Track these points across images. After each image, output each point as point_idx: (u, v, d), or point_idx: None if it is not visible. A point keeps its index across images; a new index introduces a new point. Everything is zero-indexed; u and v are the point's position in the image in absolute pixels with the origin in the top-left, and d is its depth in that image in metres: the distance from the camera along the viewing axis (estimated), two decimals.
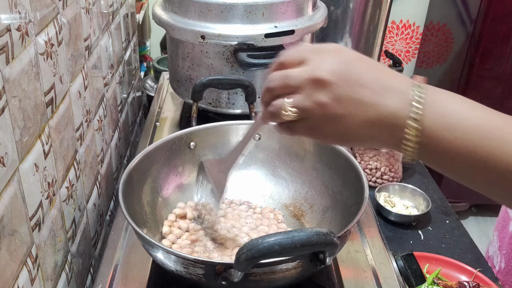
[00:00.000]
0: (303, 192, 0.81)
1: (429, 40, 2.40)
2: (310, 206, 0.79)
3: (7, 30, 0.53)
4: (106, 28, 1.03)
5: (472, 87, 2.04)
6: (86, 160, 0.87)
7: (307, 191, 0.81)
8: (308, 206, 0.79)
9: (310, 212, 0.79)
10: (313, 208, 0.79)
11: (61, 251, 0.73)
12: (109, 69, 1.06)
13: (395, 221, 1.24)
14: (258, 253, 0.49)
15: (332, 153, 0.77)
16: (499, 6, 1.88)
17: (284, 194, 0.82)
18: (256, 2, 0.93)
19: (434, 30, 2.35)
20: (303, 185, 0.81)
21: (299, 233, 0.50)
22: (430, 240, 1.20)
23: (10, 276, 0.55)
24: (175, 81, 1.09)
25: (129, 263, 0.72)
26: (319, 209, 0.78)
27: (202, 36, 0.95)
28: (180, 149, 0.81)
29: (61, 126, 0.73)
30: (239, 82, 0.91)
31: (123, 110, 1.23)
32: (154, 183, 0.77)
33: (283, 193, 0.83)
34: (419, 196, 1.27)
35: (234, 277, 0.53)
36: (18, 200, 0.57)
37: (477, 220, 2.28)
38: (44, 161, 0.65)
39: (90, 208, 0.90)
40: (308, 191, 0.80)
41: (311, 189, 0.80)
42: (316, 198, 0.79)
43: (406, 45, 2.52)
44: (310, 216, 0.78)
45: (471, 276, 1.09)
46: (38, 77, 0.63)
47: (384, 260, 0.74)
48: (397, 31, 2.48)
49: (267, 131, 0.84)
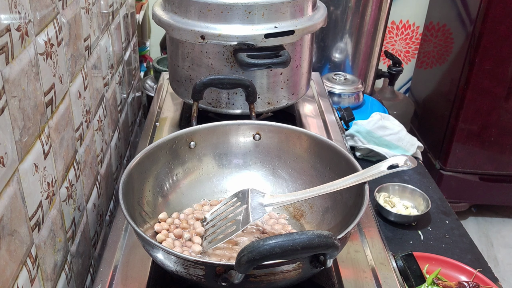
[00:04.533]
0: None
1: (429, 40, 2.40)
2: (310, 206, 0.79)
3: (7, 30, 0.53)
4: (106, 28, 1.03)
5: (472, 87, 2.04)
6: (86, 160, 0.87)
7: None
8: (308, 206, 0.79)
9: (310, 213, 0.79)
10: (313, 209, 0.79)
11: (60, 251, 0.73)
12: (109, 69, 1.06)
13: (395, 221, 1.24)
14: (259, 255, 0.49)
15: (332, 154, 0.77)
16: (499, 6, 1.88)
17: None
18: (256, 2, 0.93)
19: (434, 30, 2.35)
20: (303, 185, 0.81)
21: (300, 235, 0.50)
22: (430, 240, 1.20)
23: (9, 276, 0.55)
24: (175, 81, 1.09)
25: (129, 263, 0.72)
26: (319, 209, 0.78)
27: (202, 36, 0.95)
28: (180, 148, 0.81)
29: (61, 126, 0.73)
30: (240, 82, 0.91)
31: (122, 110, 1.23)
32: (154, 183, 0.77)
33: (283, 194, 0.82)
34: (419, 196, 1.27)
35: (234, 278, 0.53)
36: (18, 200, 0.57)
37: (477, 221, 2.28)
38: (43, 161, 0.65)
39: (89, 208, 0.90)
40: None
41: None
42: (316, 199, 0.79)
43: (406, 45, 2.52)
44: (310, 217, 0.78)
45: (471, 277, 1.09)
46: (38, 77, 0.63)
47: (384, 260, 0.74)
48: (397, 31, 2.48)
49: (267, 131, 0.84)
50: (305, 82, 1.11)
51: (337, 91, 1.69)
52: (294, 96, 1.08)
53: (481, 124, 2.10)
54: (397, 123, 1.49)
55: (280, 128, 0.84)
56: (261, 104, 1.03)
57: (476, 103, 2.06)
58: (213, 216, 0.74)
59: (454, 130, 2.13)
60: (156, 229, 0.72)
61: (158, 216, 0.74)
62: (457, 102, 2.11)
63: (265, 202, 0.69)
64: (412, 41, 2.51)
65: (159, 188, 0.78)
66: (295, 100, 1.09)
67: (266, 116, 1.12)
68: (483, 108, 2.06)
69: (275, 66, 0.94)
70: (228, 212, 0.72)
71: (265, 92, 1.03)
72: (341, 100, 1.69)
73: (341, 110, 1.41)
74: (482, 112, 2.07)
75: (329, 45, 1.91)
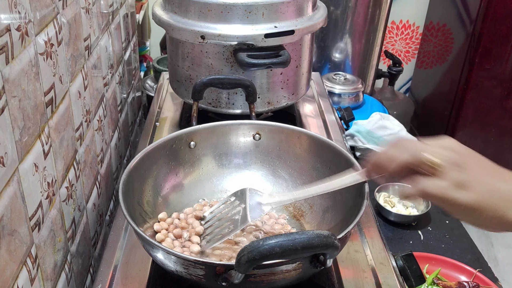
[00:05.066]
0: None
1: (429, 40, 2.41)
2: (310, 206, 0.79)
3: (7, 30, 0.53)
4: (106, 28, 1.03)
5: (472, 87, 2.04)
6: (86, 160, 0.87)
7: None
8: (308, 206, 0.79)
9: (310, 213, 0.79)
10: (313, 209, 0.79)
11: (60, 251, 0.73)
12: (109, 69, 1.06)
13: (395, 221, 1.24)
14: (259, 255, 0.49)
15: (332, 154, 0.77)
16: (499, 6, 1.88)
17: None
18: (256, 2, 0.93)
19: (434, 30, 2.35)
20: (303, 185, 0.81)
21: (300, 235, 0.50)
22: (430, 240, 1.20)
23: (9, 276, 0.55)
24: (175, 81, 1.09)
25: (129, 263, 0.72)
26: (319, 209, 0.78)
27: (202, 36, 0.95)
28: (180, 148, 0.81)
29: (61, 126, 0.73)
30: (240, 82, 0.91)
31: (122, 110, 1.23)
32: (154, 183, 0.77)
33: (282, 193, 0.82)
34: None
35: (234, 278, 0.53)
36: (18, 200, 0.57)
37: None
38: (43, 161, 0.65)
39: (89, 208, 0.90)
40: None
41: None
42: (316, 199, 0.79)
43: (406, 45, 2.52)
44: (310, 217, 0.78)
45: (471, 276, 1.09)
46: (38, 77, 0.63)
47: (384, 260, 0.74)
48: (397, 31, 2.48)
49: (267, 131, 0.84)
50: (305, 82, 1.11)
51: (337, 91, 1.69)
52: (294, 96, 1.08)
53: (481, 124, 2.10)
54: (397, 123, 1.49)
55: (280, 128, 0.83)
56: (261, 104, 1.03)
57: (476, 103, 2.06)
58: (212, 216, 0.74)
59: (454, 130, 2.13)
60: (156, 228, 0.72)
61: (158, 215, 0.74)
62: (457, 102, 2.11)
63: (264, 202, 0.69)
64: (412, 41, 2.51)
65: (159, 188, 0.78)
66: (295, 100, 1.09)
67: (266, 116, 1.12)
68: (483, 108, 2.07)
69: (275, 66, 0.94)
70: (226, 212, 0.72)
71: (265, 92, 1.03)
72: (341, 100, 1.69)
73: (341, 110, 1.41)
74: (482, 112, 2.07)
75: (329, 45, 1.91)
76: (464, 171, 0.53)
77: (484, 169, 0.55)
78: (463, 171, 0.53)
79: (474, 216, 0.54)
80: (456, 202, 0.53)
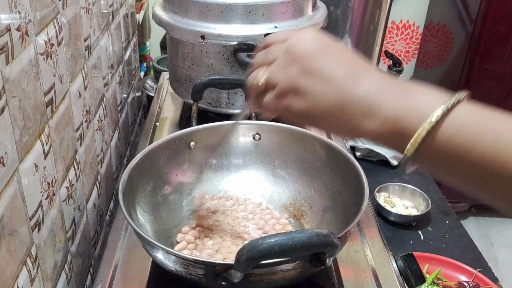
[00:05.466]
0: (303, 193, 0.81)
1: (429, 40, 2.41)
2: (310, 206, 0.79)
3: (7, 30, 0.53)
4: (106, 28, 1.03)
5: (472, 87, 2.04)
6: (86, 160, 0.87)
7: (307, 191, 0.80)
8: (308, 206, 0.79)
9: (310, 213, 0.79)
10: (313, 209, 0.79)
11: (60, 251, 0.73)
12: (109, 69, 1.06)
13: (395, 221, 1.24)
14: (259, 254, 0.49)
15: (332, 153, 0.77)
16: (499, 6, 1.88)
17: (284, 195, 0.82)
18: (256, 2, 0.93)
19: (434, 30, 2.35)
20: (303, 185, 0.81)
21: (299, 234, 0.50)
22: (430, 240, 1.20)
23: (9, 276, 0.55)
24: (175, 81, 1.09)
25: (129, 263, 0.72)
26: (319, 209, 0.78)
27: (202, 36, 0.95)
28: (180, 149, 0.81)
29: (61, 126, 0.73)
30: (240, 82, 0.91)
31: (123, 110, 1.23)
32: (154, 183, 0.77)
33: (283, 194, 0.83)
34: (419, 196, 1.27)
35: (234, 277, 0.53)
36: (18, 200, 0.57)
37: (477, 221, 2.28)
38: (44, 161, 0.65)
39: (90, 208, 0.90)
40: (308, 192, 0.80)
41: (311, 189, 0.80)
42: (316, 199, 0.79)
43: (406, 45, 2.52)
44: (310, 217, 0.78)
45: (471, 276, 1.09)
46: (38, 77, 0.63)
47: (384, 260, 0.74)
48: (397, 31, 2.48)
49: (267, 131, 0.84)
50: None
51: None
52: None
53: None
54: None
55: (280, 128, 0.84)
56: None
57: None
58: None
59: None
60: (179, 238, 0.74)
61: (181, 228, 0.76)
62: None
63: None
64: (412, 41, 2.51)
65: (159, 188, 0.78)
66: None
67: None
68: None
69: None
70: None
71: None
72: None
73: None
74: None
75: None
76: (299, 77, 0.47)
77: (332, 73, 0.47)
78: (298, 78, 0.47)
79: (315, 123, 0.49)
80: (289, 110, 0.49)
